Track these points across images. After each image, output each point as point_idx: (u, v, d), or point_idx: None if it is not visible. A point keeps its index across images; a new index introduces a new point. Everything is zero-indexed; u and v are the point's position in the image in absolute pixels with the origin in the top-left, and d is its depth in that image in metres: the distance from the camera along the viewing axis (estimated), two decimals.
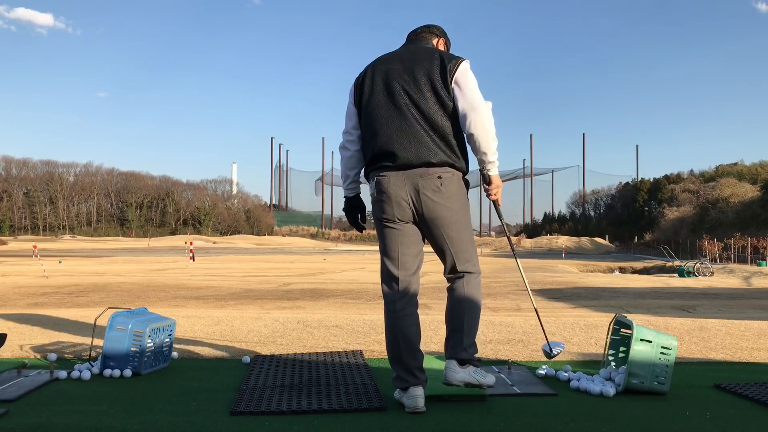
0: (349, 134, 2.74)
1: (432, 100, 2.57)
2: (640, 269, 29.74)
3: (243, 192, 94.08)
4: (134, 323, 3.06)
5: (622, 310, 8.85)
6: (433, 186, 2.55)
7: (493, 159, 2.62)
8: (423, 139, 2.55)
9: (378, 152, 2.59)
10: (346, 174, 2.78)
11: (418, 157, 2.54)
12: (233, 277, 15.26)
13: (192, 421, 2.30)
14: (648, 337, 2.77)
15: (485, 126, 2.56)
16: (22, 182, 77.82)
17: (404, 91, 2.58)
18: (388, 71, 2.65)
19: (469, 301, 2.61)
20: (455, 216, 2.59)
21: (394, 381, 2.56)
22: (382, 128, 2.59)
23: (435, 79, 2.57)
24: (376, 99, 2.63)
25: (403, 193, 2.55)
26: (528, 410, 2.49)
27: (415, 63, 2.62)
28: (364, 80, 2.69)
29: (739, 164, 59.35)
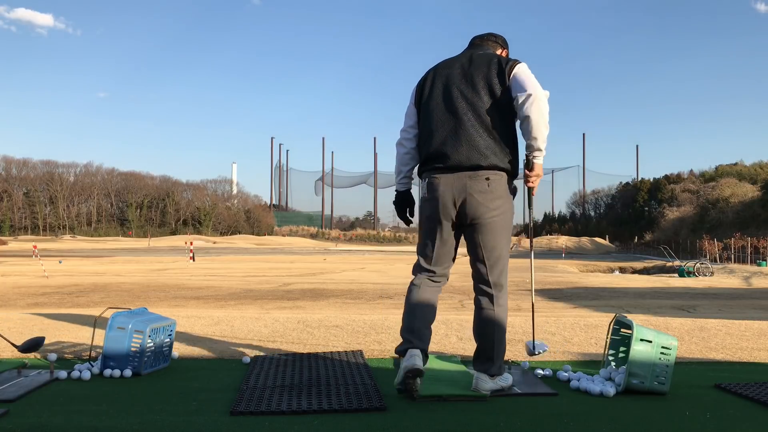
0: (406, 132, 2.87)
1: (488, 102, 2.66)
2: (640, 269, 29.74)
3: (243, 192, 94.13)
4: (134, 323, 3.06)
5: (622, 310, 8.85)
6: (480, 187, 2.66)
7: (542, 147, 2.68)
8: (475, 142, 2.65)
9: (432, 153, 2.72)
10: (399, 169, 2.91)
11: (468, 159, 2.65)
12: (233, 277, 15.26)
13: (192, 421, 2.29)
14: (648, 337, 2.77)
15: (541, 110, 2.63)
16: (22, 182, 77.81)
17: (461, 95, 2.69)
18: (448, 75, 2.76)
19: (499, 325, 2.72)
20: (496, 219, 2.69)
21: (398, 349, 2.69)
22: (437, 130, 2.71)
23: (493, 82, 2.67)
24: (434, 101, 2.76)
25: (451, 194, 2.68)
26: (528, 410, 2.49)
27: (474, 67, 2.72)
28: (425, 83, 2.82)
29: (739, 164, 59.34)
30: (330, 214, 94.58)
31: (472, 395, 2.65)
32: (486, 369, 2.70)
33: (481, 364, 2.73)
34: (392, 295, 11.12)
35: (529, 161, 2.73)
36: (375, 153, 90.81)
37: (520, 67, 2.69)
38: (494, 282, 2.74)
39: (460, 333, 4.28)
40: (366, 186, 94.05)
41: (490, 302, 2.73)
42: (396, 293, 11.43)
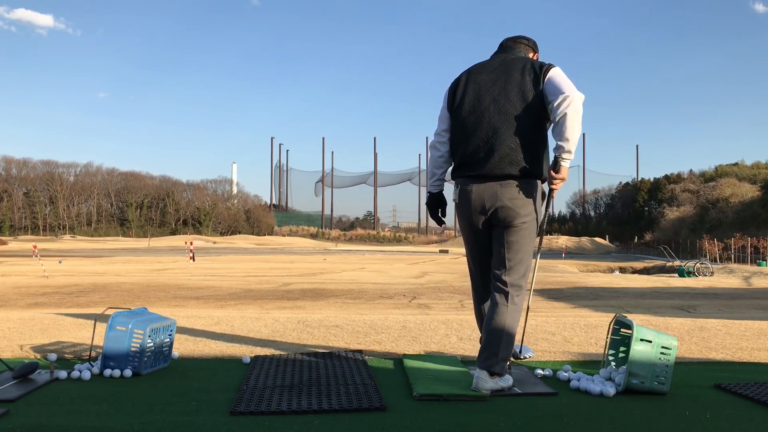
0: (439, 136, 2.92)
1: (520, 108, 2.67)
2: (640, 269, 29.73)
3: (243, 192, 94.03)
4: (134, 323, 3.06)
5: (622, 310, 8.85)
6: (511, 194, 2.70)
7: (572, 149, 2.66)
8: (507, 150, 2.67)
9: (463, 160, 2.77)
10: (433, 172, 2.96)
11: (500, 168, 2.69)
12: (233, 277, 15.26)
13: (192, 421, 2.29)
14: (648, 337, 2.77)
15: (577, 111, 2.61)
16: (22, 182, 77.77)
17: (494, 102, 2.70)
18: (480, 81, 2.77)
19: (510, 323, 2.75)
20: (525, 224, 2.74)
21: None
22: (469, 137, 2.74)
23: (526, 87, 2.68)
24: (465, 108, 2.77)
25: (481, 202, 2.74)
26: (528, 410, 2.49)
27: (507, 73, 2.73)
28: (458, 87, 2.83)
29: (739, 164, 59.30)
30: (330, 214, 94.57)
31: (472, 395, 2.65)
32: (489, 365, 2.68)
33: (484, 359, 2.71)
34: (392, 295, 11.12)
35: (557, 163, 2.70)
36: (375, 153, 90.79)
37: (554, 70, 2.68)
38: (512, 282, 2.77)
39: (460, 333, 4.28)
40: (366, 186, 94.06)
41: (505, 299, 2.75)
42: (396, 293, 11.42)
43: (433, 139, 2.94)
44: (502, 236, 2.77)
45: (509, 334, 2.73)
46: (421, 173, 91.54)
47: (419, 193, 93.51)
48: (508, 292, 2.76)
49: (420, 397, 2.63)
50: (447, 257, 34.25)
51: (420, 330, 4.36)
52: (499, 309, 2.74)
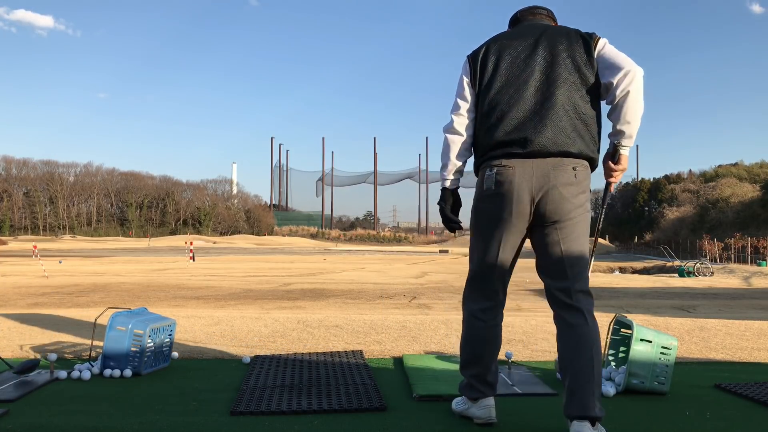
0: (462, 117, 2.36)
1: (574, 79, 2.23)
2: (640, 269, 29.72)
3: (243, 192, 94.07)
4: (134, 323, 3.06)
5: (622, 310, 8.85)
6: (566, 178, 2.19)
7: (634, 134, 2.26)
8: (562, 123, 2.20)
9: (505, 138, 2.23)
10: (453, 162, 2.38)
11: (555, 144, 2.19)
12: (233, 277, 15.26)
13: (192, 421, 2.29)
14: (648, 337, 2.77)
15: (640, 90, 2.21)
16: (22, 182, 77.78)
17: (541, 71, 2.24)
18: (516, 49, 2.29)
19: (599, 344, 2.18)
20: (580, 218, 2.23)
21: (465, 389, 2.37)
22: (511, 111, 2.23)
23: (578, 58, 2.24)
24: (503, 79, 2.27)
25: (528, 186, 2.19)
26: (528, 410, 2.49)
27: (550, 40, 2.28)
28: (486, 58, 2.32)
29: (739, 164, 59.31)
30: (330, 214, 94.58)
31: None
32: (587, 410, 2.06)
33: (579, 403, 2.07)
34: (392, 295, 11.12)
35: (616, 151, 2.28)
36: (375, 153, 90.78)
37: (606, 42, 2.27)
38: (582, 290, 2.23)
39: (460, 333, 4.27)
40: (366, 186, 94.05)
41: (584, 318, 2.18)
42: (396, 293, 11.43)
43: (451, 122, 2.37)
44: (553, 238, 2.22)
45: (600, 361, 2.14)
46: (421, 173, 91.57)
47: (419, 193, 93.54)
48: (583, 308, 2.19)
49: (420, 397, 2.63)
50: (447, 257, 34.25)
51: (420, 330, 4.36)
52: (580, 332, 2.16)
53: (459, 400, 2.43)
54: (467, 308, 2.38)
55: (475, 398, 2.32)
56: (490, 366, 2.32)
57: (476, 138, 2.36)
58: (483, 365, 2.32)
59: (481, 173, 2.31)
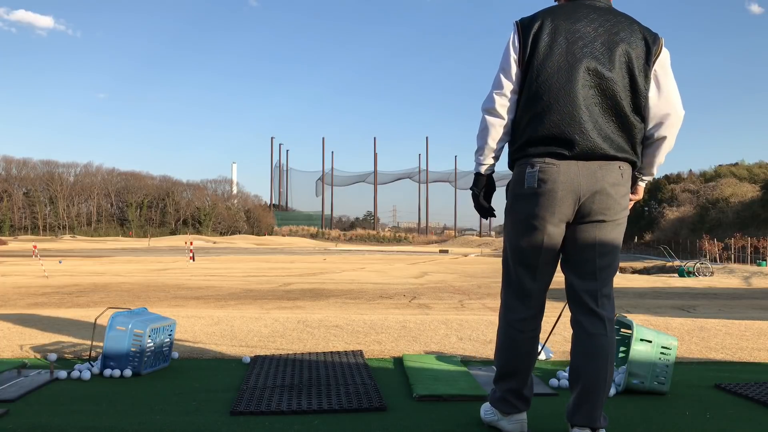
0: (504, 97, 2.13)
1: (626, 83, 2.08)
2: (640, 269, 29.71)
3: (243, 192, 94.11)
4: (134, 323, 3.06)
5: (622, 310, 8.85)
6: (614, 178, 2.07)
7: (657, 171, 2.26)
8: (610, 126, 2.07)
9: (549, 133, 2.06)
10: (490, 146, 2.17)
11: (601, 147, 2.05)
12: (233, 277, 15.26)
13: (192, 421, 2.30)
14: (648, 337, 2.77)
15: (676, 134, 2.16)
16: (22, 182, 77.79)
17: (596, 64, 2.06)
18: (575, 33, 2.08)
19: (613, 356, 2.12)
20: (622, 220, 2.14)
21: (498, 402, 2.22)
22: (559, 103, 2.05)
23: (634, 60, 2.08)
24: (555, 65, 2.06)
25: (574, 186, 2.05)
26: (528, 410, 2.49)
27: (612, 33, 2.09)
28: (540, 35, 2.09)
29: (739, 164, 59.30)
30: (330, 214, 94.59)
31: (472, 395, 2.65)
32: (593, 421, 2.05)
33: (586, 418, 2.04)
34: (392, 295, 11.12)
35: (636, 183, 2.26)
36: (375, 153, 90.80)
37: (665, 53, 2.13)
38: (608, 294, 2.14)
39: (460, 333, 4.28)
40: (366, 185, 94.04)
41: (604, 327, 2.09)
42: (396, 293, 11.42)
43: (493, 102, 2.13)
44: (592, 236, 2.09)
45: (612, 372, 2.10)
46: (421, 173, 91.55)
47: (419, 193, 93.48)
48: (605, 316, 2.10)
49: (420, 397, 2.63)
50: (447, 257, 34.24)
51: (420, 330, 4.36)
52: (598, 343, 2.08)
53: (489, 410, 2.29)
54: (506, 318, 2.20)
55: (508, 413, 2.20)
56: (527, 380, 2.19)
57: (516, 126, 2.15)
58: (520, 379, 2.17)
59: (520, 169, 2.13)
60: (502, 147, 2.21)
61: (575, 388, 2.09)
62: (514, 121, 2.16)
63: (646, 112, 2.11)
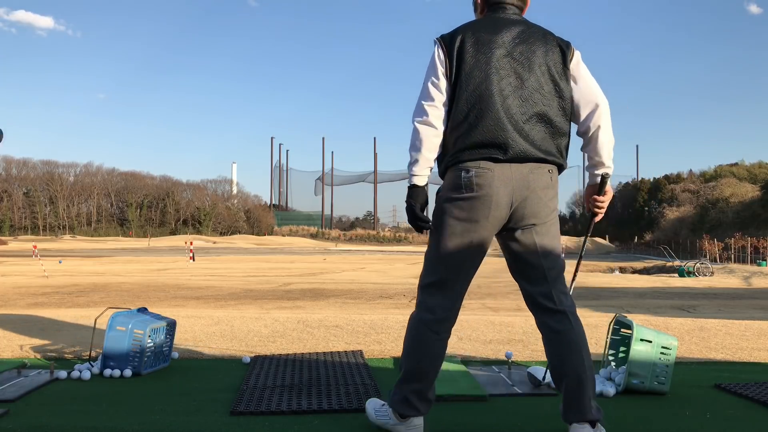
0: (436, 108, 2.18)
1: (549, 89, 2.18)
2: (640, 269, 29.72)
3: (243, 192, 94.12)
4: (134, 323, 3.06)
5: (622, 310, 8.85)
6: (544, 181, 2.15)
7: (612, 163, 2.27)
8: (538, 131, 2.16)
9: (483, 139, 2.12)
10: (425, 158, 2.20)
11: (530, 151, 2.13)
12: (233, 277, 15.26)
13: (192, 421, 2.30)
14: (648, 337, 2.77)
15: (610, 120, 2.23)
16: (22, 182, 77.80)
17: (518, 75, 2.16)
18: (496, 44, 2.18)
19: (586, 347, 2.16)
20: (554, 220, 2.21)
21: (399, 404, 2.17)
22: (490, 111, 2.13)
23: (553, 65, 2.19)
24: (482, 75, 2.15)
25: (508, 190, 2.11)
26: (528, 410, 2.49)
27: (529, 42, 2.20)
28: (463, 50, 2.17)
29: (739, 164, 59.34)
30: (330, 214, 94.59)
31: (472, 395, 2.65)
32: (586, 414, 2.07)
33: (577, 408, 2.08)
34: (392, 295, 11.12)
35: (604, 183, 2.27)
36: (375, 153, 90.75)
37: (580, 57, 2.25)
38: (564, 291, 2.21)
39: (460, 333, 4.28)
40: (366, 185, 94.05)
41: (569, 320, 2.14)
42: (396, 293, 11.42)
43: (426, 114, 2.18)
44: (530, 241, 2.17)
45: (591, 362, 2.14)
46: None
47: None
48: (567, 311, 2.16)
49: None
50: None
51: None
52: (568, 338, 2.13)
53: (382, 410, 2.24)
54: (420, 317, 2.20)
55: (406, 416, 2.15)
56: (433, 382, 2.18)
57: (447, 135, 2.21)
58: (428, 381, 2.16)
59: (453, 174, 2.18)
60: (435, 158, 2.24)
61: (561, 387, 2.13)
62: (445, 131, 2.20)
63: (573, 111, 2.22)
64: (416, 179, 2.23)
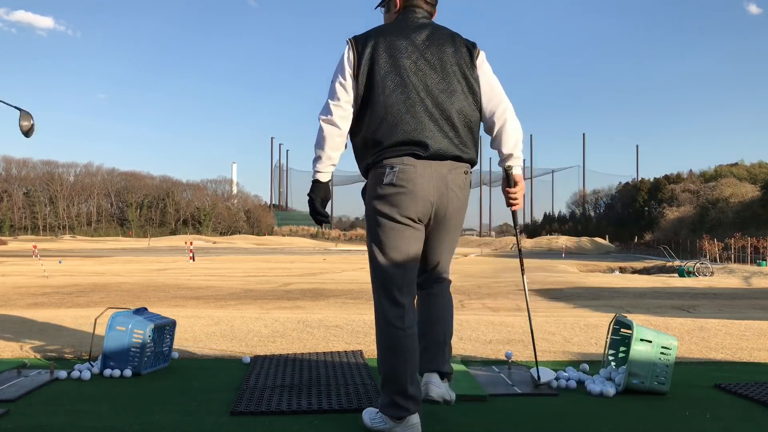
0: (341, 108, 2.27)
1: (461, 87, 2.28)
2: (640, 269, 29.72)
3: (243, 192, 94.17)
4: (134, 323, 3.06)
5: (622, 310, 8.85)
6: (460, 181, 2.27)
7: (521, 155, 2.38)
8: (455, 130, 2.26)
9: (404, 138, 2.20)
10: (329, 155, 2.32)
11: (449, 149, 2.24)
12: (233, 277, 15.26)
13: (192, 421, 2.30)
14: (648, 337, 2.77)
15: (515, 117, 2.36)
16: (22, 182, 77.82)
17: (432, 76, 2.26)
18: (408, 47, 2.28)
19: (450, 309, 2.43)
20: (463, 218, 2.38)
21: (388, 408, 2.17)
22: (409, 112, 2.22)
23: (463, 64, 2.30)
24: (398, 77, 2.24)
25: (431, 187, 2.21)
26: (528, 410, 2.49)
27: (440, 44, 2.30)
28: (375, 54, 2.26)
29: (739, 164, 59.31)
30: (330, 214, 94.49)
31: (472, 395, 2.65)
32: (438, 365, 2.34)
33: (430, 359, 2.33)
34: None
35: (509, 175, 2.39)
36: None
37: (485, 57, 2.37)
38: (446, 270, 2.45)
39: (460, 333, 4.28)
40: None
41: (446, 290, 2.44)
42: None
43: (331, 113, 2.26)
44: (440, 236, 2.34)
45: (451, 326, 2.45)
46: None
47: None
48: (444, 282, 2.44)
49: None
50: None
51: None
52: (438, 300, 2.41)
53: (377, 418, 2.23)
54: (383, 317, 2.23)
55: (400, 417, 2.14)
56: (414, 378, 2.18)
57: (366, 136, 2.28)
58: (407, 379, 2.16)
59: (377, 171, 2.25)
60: (339, 156, 2.35)
61: (422, 341, 2.32)
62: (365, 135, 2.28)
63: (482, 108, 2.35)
64: (319, 176, 2.37)
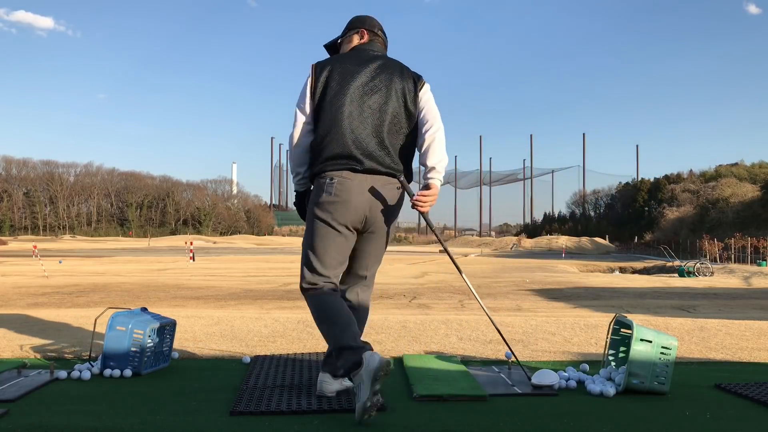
0: (308, 125, 2.68)
1: (402, 112, 2.66)
2: (640, 269, 29.72)
3: (243, 192, 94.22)
4: (134, 323, 3.06)
5: (622, 310, 8.85)
6: (391, 195, 2.62)
7: (442, 170, 2.67)
8: (389, 147, 2.62)
9: (344, 152, 2.56)
10: (296, 171, 2.74)
11: (385, 164, 2.60)
12: (233, 277, 15.26)
13: (192, 421, 2.29)
14: (648, 337, 2.77)
15: (443, 139, 2.70)
16: (22, 182, 77.83)
17: (377, 101, 2.63)
18: (360, 74, 2.65)
19: (365, 308, 2.79)
20: (389, 232, 2.72)
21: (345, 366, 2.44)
22: (351, 129, 2.58)
23: (407, 93, 2.67)
24: (346, 99, 2.60)
25: (363, 198, 2.55)
26: (528, 410, 2.49)
27: (389, 74, 2.68)
28: (331, 78, 2.64)
29: (739, 164, 59.29)
30: None
31: (472, 395, 2.65)
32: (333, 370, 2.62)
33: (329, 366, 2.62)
34: (392, 295, 11.12)
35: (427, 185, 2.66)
36: None
37: (429, 89, 2.74)
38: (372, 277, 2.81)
39: (460, 333, 4.28)
40: None
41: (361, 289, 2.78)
42: (395, 293, 11.43)
43: (297, 132, 2.67)
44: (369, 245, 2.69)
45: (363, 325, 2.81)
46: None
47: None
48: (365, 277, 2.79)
49: (420, 397, 2.63)
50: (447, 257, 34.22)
51: (420, 330, 4.36)
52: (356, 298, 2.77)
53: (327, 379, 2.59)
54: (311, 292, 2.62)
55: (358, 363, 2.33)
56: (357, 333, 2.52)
57: (314, 147, 2.65)
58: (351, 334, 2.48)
59: (319, 181, 2.60)
60: (308, 168, 2.70)
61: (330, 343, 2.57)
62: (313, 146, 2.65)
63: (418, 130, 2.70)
64: (297, 187, 2.81)
